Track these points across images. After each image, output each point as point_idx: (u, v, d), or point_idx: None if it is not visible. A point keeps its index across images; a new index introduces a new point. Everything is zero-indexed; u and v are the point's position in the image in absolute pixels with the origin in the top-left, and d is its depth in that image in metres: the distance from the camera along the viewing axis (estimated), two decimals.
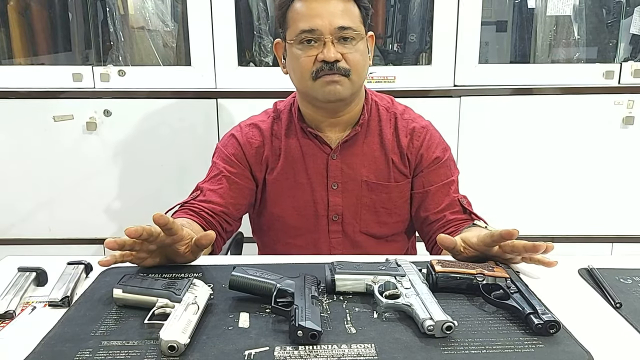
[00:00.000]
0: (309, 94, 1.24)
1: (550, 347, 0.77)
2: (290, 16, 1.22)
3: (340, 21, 1.18)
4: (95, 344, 0.77)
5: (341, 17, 1.18)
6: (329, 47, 1.18)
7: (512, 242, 0.98)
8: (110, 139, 2.05)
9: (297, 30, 1.19)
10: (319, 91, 1.21)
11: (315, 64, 1.19)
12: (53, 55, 2.25)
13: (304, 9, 1.19)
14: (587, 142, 2.06)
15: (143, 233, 0.90)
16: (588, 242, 2.13)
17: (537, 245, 0.95)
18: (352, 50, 1.20)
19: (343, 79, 1.20)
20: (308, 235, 1.33)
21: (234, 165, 1.31)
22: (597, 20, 2.15)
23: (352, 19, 1.20)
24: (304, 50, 1.20)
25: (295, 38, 1.20)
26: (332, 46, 1.18)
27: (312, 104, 1.27)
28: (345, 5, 1.20)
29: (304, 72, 1.21)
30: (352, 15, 1.20)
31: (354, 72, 1.21)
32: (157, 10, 2.09)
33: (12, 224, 2.12)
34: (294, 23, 1.21)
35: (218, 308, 0.87)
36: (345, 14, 1.19)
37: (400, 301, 0.85)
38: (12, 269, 0.97)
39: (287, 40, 1.23)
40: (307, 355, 0.74)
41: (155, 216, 0.91)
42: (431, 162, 1.31)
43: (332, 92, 1.21)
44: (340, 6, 1.19)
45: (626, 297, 0.92)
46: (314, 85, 1.21)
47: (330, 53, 1.17)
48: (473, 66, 2.00)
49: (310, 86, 1.22)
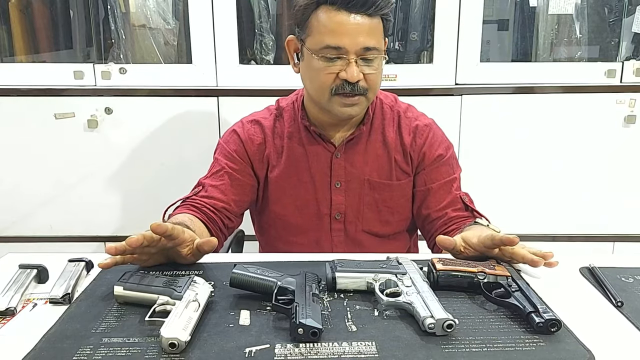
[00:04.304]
0: (323, 106, 1.23)
1: (551, 346, 0.77)
2: (313, 24, 1.17)
3: (366, 41, 1.15)
4: (96, 341, 0.77)
5: (367, 36, 1.15)
6: (352, 68, 1.15)
7: (512, 249, 0.98)
8: (112, 136, 2.05)
9: (322, 43, 1.16)
10: (334, 107, 1.21)
11: (335, 80, 1.18)
12: (54, 53, 2.25)
13: (331, 23, 1.15)
14: (589, 141, 2.06)
15: (144, 241, 0.91)
16: (589, 240, 2.13)
17: (536, 261, 0.96)
18: (373, 70, 1.18)
19: (361, 99, 1.20)
20: (310, 234, 1.33)
21: (235, 161, 1.31)
22: (599, 18, 2.14)
23: (377, 38, 1.17)
24: (326, 65, 1.17)
25: (318, 51, 1.17)
26: (356, 66, 1.16)
27: (321, 110, 1.26)
28: (372, 23, 1.15)
29: (323, 86, 1.19)
30: (377, 34, 1.17)
31: (371, 90, 1.20)
32: (158, 8, 2.09)
33: (13, 222, 2.13)
34: (318, 34, 1.17)
35: (219, 305, 0.87)
36: (372, 33, 1.16)
37: (401, 299, 0.85)
38: (13, 266, 0.98)
39: (307, 46, 1.20)
40: (308, 353, 0.74)
41: (153, 226, 0.91)
42: (434, 160, 1.30)
43: (348, 112, 1.21)
44: (367, 24, 1.15)
45: (627, 296, 0.92)
46: (330, 100, 1.20)
47: (354, 74, 1.15)
48: (475, 65, 1.99)
49: (326, 100, 1.21)
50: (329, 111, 1.23)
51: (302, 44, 1.21)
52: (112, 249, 0.91)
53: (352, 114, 1.22)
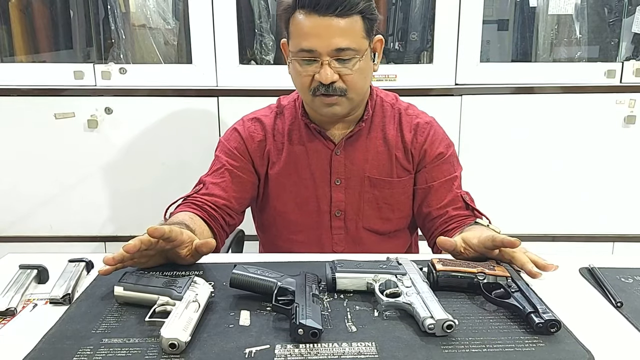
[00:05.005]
0: (308, 105, 1.26)
1: (550, 346, 0.77)
2: (292, 28, 1.19)
3: (339, 41, 1.14)
4: (96, 342, 0.77)
5: (341, 36, 1.14)
6: (325, 70, 1.16)
7: (512, 252, 0.98)
8: (112, 136, 2.05)
9: (298, 46, 1.17)
10: (318, 107, 1.23)
11: (312, 82, 1.19)
12: (54, 53, 2.25)
13: (304, 25, 1.15)
14: (589, 142, 2.06)
15: (141, 246, 0.90)
16: (589, 241, 2.13)
17: (534, 274, 0.94)
18: (349, 71, 1.17)
19: (340, 99, 1.20)
20: (310, 232, 1.34)
21: (236, 158, 1.31)
22: (598, 19, 2.14)
23: (352, 37, 1.15)
24: (303, 68, 1.19)
25: (296, 54, 1.19)
26: (329, 68, 1.16)
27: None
28: (348, 22, 1.14)
29: (303, 87, 1.21)
30: (353, 33, 1.15)
31: (352, 90, 1.20)
32: (158, 8, 2.09)
33: (13, 222, 2.13)
34: (296, 37, 1.18)
35: (219, 306, 0.87)
36: (346, 33, 1.14)
37: (401, 300, 0.85)
38: (13, 267, 0.98)
39: (289, 49, 1.22)
40: (308, 354, 0.75)
41: (150, 230, 0.91)
42: (434, 158, 1.31)
43: (330, 112, 1.22)
44: (342, 24, 1.14)
45: (627, 297, 0.92)
46: (313, 100, 1.22)
47: (327, 75, 1.16)
48: (474, 65, 1.99)
49: (309, 101, 1.23)
50: (315, 111, 1.25)
51: (288, 47, 1.24)
52: (110, 259, 0.90)
53: (336, 113, 1.22)
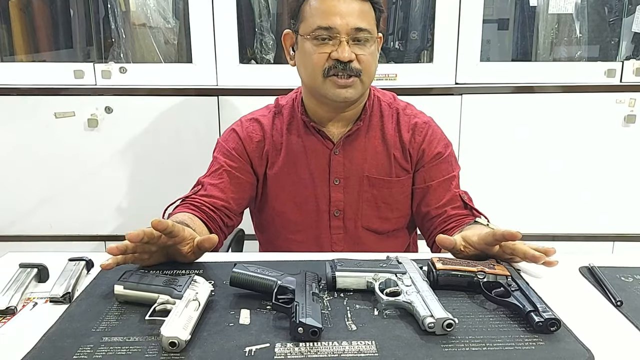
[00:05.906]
0: (317, 90, 1.24)
1: (550, 345, 0.77)
2: (306, 10, 1.21)
3: (357, 22, 1.18)
4: (96, 340, 0.77)
5: (358, 17, 1.18)
6: (344, 47, 1.17)
7: (513, 244, 0.98)
8: (112, 136, 2.05)
9: (314, 25, 1.19)
10: (328, 90, 1.22)
11: (328, 61, 1.19)
12: (54, 52, 2.25)
13: (322, 5, 1.19)
14: (589, 141, 2.06)
15: (144, 236, 0.91)
16: (589, 240, 2.13)
17: (537, 257, 0.95)
18: (365, 51, 1.20)
19: (355, 81, 1.20)
20: (309, 231, 1.34)
21: (234, 159, 1.31)
22: (599, 18, 2.14)
23: (368, 20, 1.20)
24: (318, 47, 1.20)
25: (311, 33, 1.20)
26: (347, 46, 1.18)
27: (318, 99, 1.27)
28: (362, 6, 1.19)
29: (315, 68, 1.21)
30: (368, 17, 1.20)
31: (365, 73, 1.21)
32: (158, 7, 2.09)
33: (13, 221, 2.13)
34: (310, 17, 1.20)
35: (219, 305, 0.87)
36: (363, 15, 1.19)
37: (400, 298, 0.85)
38: (13, 265, 0.98)
39: (299, 34, 1.23)
40: (308, 352, 0.75)
41: (154, 222, 0.91)
42: (433, 157, 1.31)
43: (342, 95, 1.21)
44: (358, 6, 1.18)
45: (627, 295, 0.92)
46: (324, 83, 1.21)
47: (345, 53, 1.17)
48: (475, 64, 1.99)
49: (320, 83, 1.22)
50: (324, 95, 1.23)
51: (297, 34, 1.24)
52: (114, 249, 0.91)
53: (347, 96, 1.22)
